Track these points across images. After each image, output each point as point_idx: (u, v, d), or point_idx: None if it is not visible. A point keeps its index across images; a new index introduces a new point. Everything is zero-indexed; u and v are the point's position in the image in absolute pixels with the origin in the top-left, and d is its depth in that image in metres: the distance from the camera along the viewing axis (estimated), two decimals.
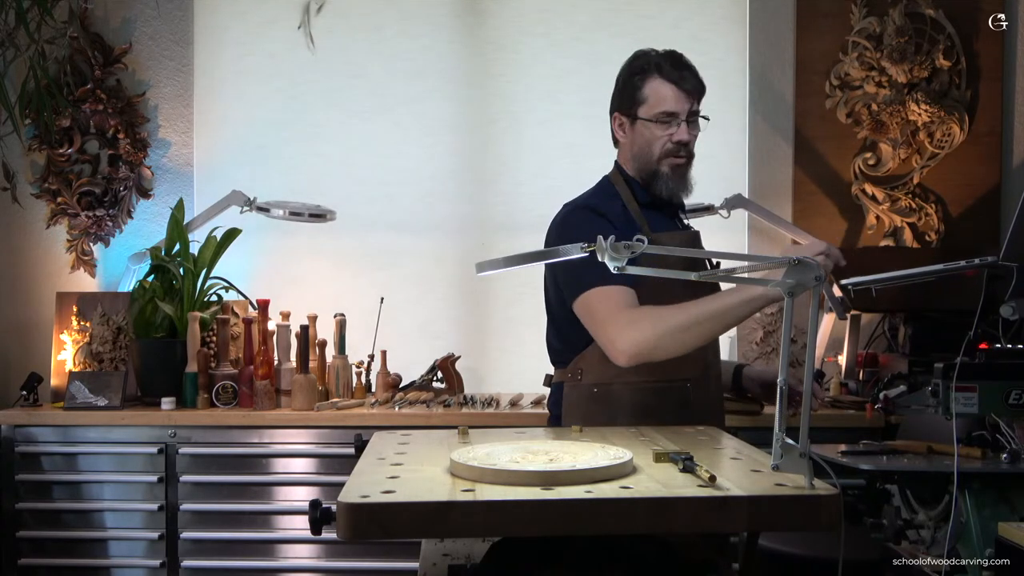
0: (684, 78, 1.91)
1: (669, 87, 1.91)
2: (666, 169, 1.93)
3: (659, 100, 1.91)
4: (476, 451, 1.36)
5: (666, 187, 1.93)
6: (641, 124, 1.94)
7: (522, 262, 1.56)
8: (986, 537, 1.69)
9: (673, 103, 1.91)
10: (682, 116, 1.91)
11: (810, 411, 1.24)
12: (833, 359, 3.02)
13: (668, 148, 1.91)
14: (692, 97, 1.92)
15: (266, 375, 2.79)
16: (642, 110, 1.94)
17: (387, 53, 3.30)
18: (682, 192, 1.96)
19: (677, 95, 1.90)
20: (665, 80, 1.91)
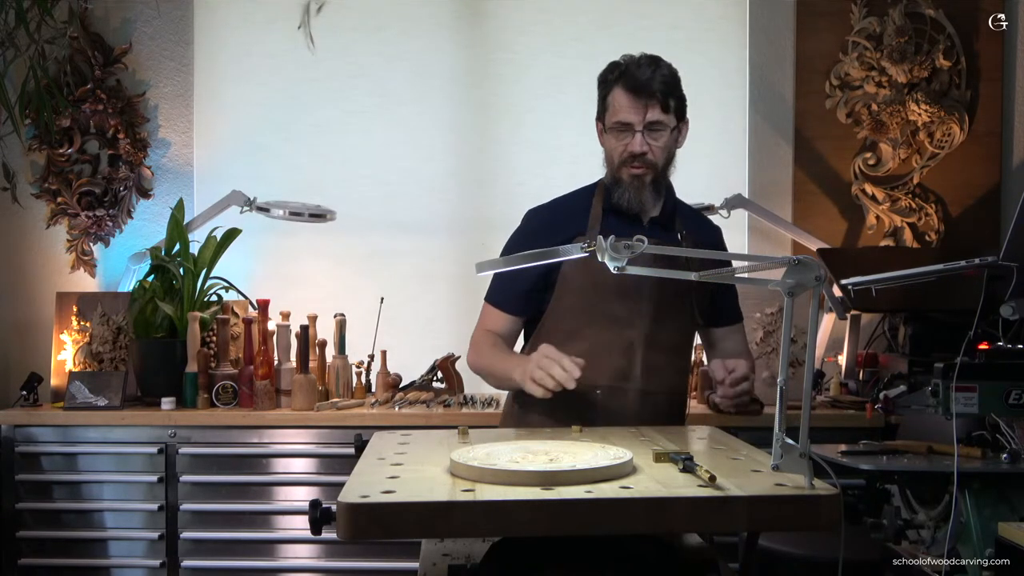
0: (642, 88, 1.86)
1: (625, 97, 1.88)
2: (625, 178, 1.92)
3: (616, 110, 1.91)
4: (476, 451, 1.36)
5: (624, 196, 1.93)
6: (607, 132, 1.95)
7: (522, 262, 1.56)
8: (986, 537, 1.69)
9: (627, 113, 1.88)
10: (637, 126, 1.88)
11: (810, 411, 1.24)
12: (833, 359, 3.02)
13: (624, 158, 1.91)
14: (651, 107, 1.87)
15: (266, 375, 2.79)
16: (607, 118, 1.94)
17: (387, 53, 3.30)
18: (642, 202, 1.93)
19: (632, 105, 1.88)
20: (624, 89, 1.89)
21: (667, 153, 1.93)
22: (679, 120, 1.94)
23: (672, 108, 1.90)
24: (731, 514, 1.13)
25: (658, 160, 1.91)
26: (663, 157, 1.92)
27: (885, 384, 2.35)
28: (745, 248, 3.22)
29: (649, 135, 1.89)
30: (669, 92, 1.89)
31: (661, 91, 1.87)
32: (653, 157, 1.90)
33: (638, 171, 1.90)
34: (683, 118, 1.96)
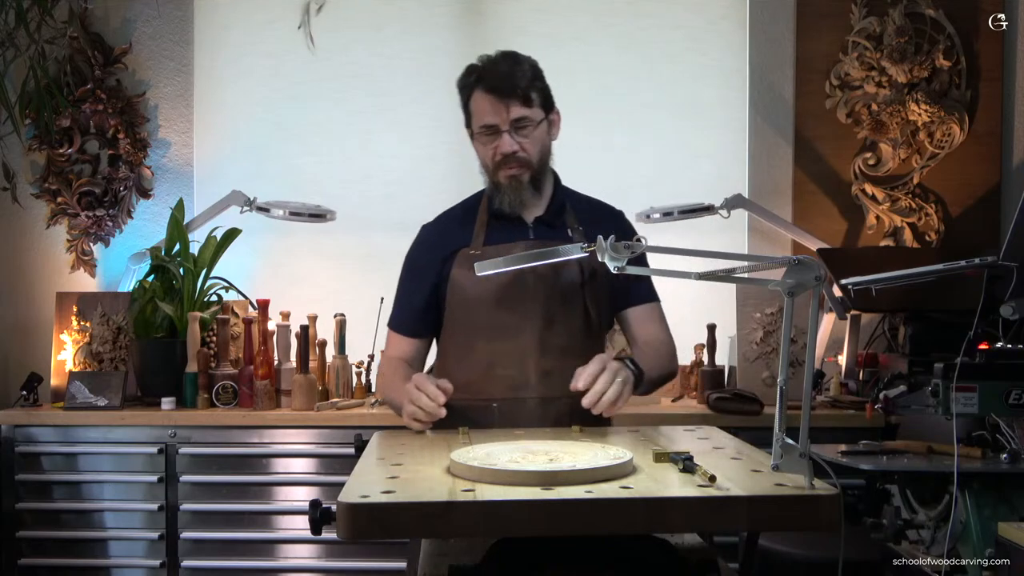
0: (501, 87, 1.82)
1: (486, 99, 1.84)
2: (503, 181, 1.88)
3: (479, 114, 1.86)
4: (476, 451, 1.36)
5: (505, 199, 1.89)
6: (475, 139, 1.91)
7: (522, 262, 1.56)
8: (986, 537, 1.69)
9: (491, 115, 1.84)
10: (503, 126, 1.84)
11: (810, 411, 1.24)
12: (833, 359, 3.02)
13: (497, 161, 1.87)
14: (513, 105, 1.83)
15: (266, 375, 2.79)
16: (473, 124, 1.90)
17: (387, 53, 3.30)
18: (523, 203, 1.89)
19: (494, 106, 1.83)
20: (483, 92, 1.85)
21: (540, 147, 1.89)
22: (547, 112, 1.90)
23: (536, 101, 1.86)
24: (731, 514, 1.13)
25: (531, 157, 1.87)
26: (536, 153, 1.88)
27: (885, 384, 2.35)
28: (745, 248, 3.22)
29: (517, 133, 1.84)
30: (530, 86, 1.85)
31: (521, 86, 1.83)
32: (525, 154, 1.86)
33: (513, 171, 1.86)
34: (551, 109, 1.92)
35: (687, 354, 3.00)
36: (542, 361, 1.85)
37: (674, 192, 3.19)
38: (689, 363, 2.99)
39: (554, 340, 1.86)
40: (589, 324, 1.91)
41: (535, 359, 1.85)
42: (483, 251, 1.88)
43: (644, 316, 1.98)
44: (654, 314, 2.00)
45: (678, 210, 3.01)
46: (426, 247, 1.99)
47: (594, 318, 1.92)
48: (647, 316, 1.99)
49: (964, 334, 1.81)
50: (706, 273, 1.38)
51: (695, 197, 3.09)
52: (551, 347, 1.86)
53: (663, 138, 3.27)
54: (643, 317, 1.98)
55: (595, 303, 1.91)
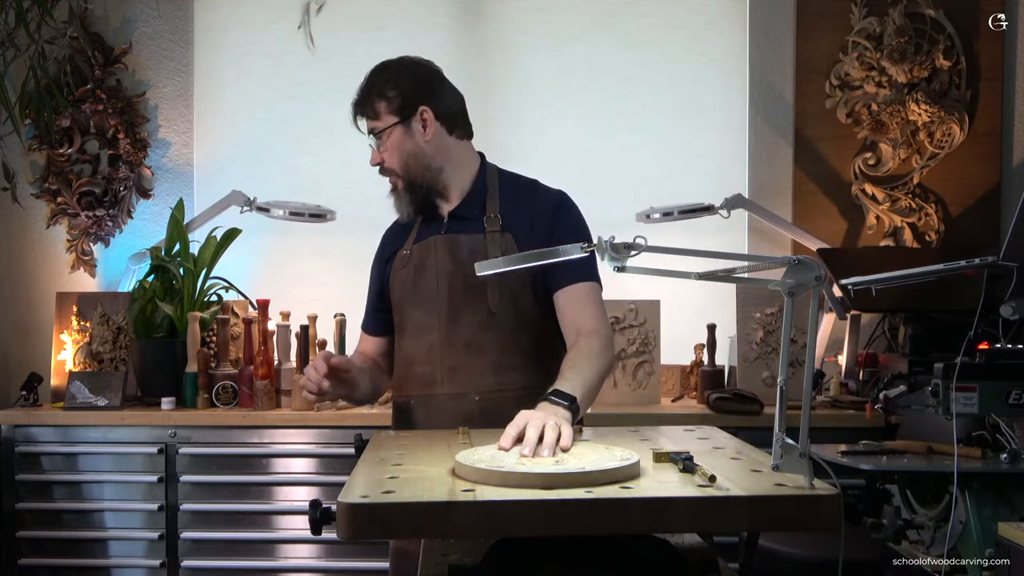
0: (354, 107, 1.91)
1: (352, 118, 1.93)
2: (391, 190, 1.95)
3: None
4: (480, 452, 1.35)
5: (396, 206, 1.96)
6: None
7: (522, 262, 1.55)
8: (986, 537, 1.69)
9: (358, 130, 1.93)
10: (370, 142, 1.91)
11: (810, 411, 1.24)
12: (833, 359, 3.02)
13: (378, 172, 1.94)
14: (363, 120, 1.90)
15: (266, 375, 2.79)
16: None
17: (387, 53, 3.26)
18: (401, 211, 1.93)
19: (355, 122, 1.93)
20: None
21: (400, 153, 1.87)
22: (406, 115, 1.87)
23: (385, 109, 1.87)
24: (731, 514, 1.13)
25: (393, 165, 1.89)
26: (398, 159, 1.88)
27: (885, 384, 2.35)
28: (745, 248, 3.22)
29: (380, 144, 1.90)
30: (378, 95, 1.88)
31: (363, 100, 1.89)
32: (389, 163, 1.89)
33: (389, 180, 1.93)
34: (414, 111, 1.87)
35: (687, 354, 3.00)
36: (447, 358, 1.83)
37: (674, 192, 3.19)
38: (689, 363, 2.99)
39: (458, 335, 1.83)
40: (493, 320, 1.83)
41: (440, 356, 1.84)
42: (411, 250, 1.93)
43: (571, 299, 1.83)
44: (585, 297, 1.83)
45: (678, 210, 3.01)
46: (379, 250, 2.07)
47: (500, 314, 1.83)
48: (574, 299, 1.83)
49: (964, 334, 1.81)
50: (706, 273, 1.38)
51: (695, 197, 3.09)
52: (455, 342, 1.83)
53: (663, 138, 3.27)
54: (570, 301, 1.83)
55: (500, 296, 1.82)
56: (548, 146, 3.28)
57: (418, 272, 1.88)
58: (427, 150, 1.88)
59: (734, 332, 2.92)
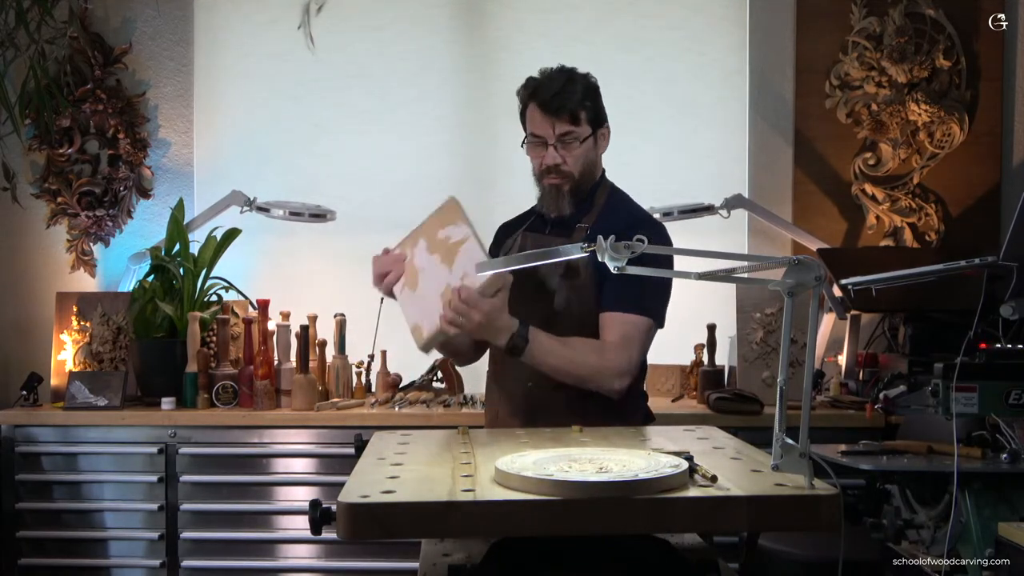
0: (551, 103, 1.94)
1: (537, 111, 1.96)
2: (544, 186, 2.00)
3: (531, 123, 1.99)
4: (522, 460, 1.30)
5: (545, 203, 2.01)
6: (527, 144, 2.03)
7: (522, 262, 1.56)
8: (986, 537, 1.69)
9: (538, 126, 1.96)
10: (550, 139, 1.95)
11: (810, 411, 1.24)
12: (833, 359, 3.02)
13: (541, 169, 1.99)
14: (559, 120, 1.94)
15: (266, 375, 2.79)
16: (527, 131, 2.03)
17: (387, 53, 3.30)
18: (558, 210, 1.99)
19: (542, 119, 1.95)
20: (536, 104, 1.97)
21: (583, 162, 1.98)
22: (595, 128, 2.00)
23: (584, 119, 1.96)
24: (731, 514, 1.13)
25: (573, 170, 1.97)
26: (578, 166, 1.97)
27: (885, 384, 2.35)
28: (745, 248, 3.22)
29: (562, 147, 1.95)
30: (579, 104, 1.95)
31: (570, 105, 1.94)
32: (567, 167, 1.96)
33: (555, 182, 1.97)
34: (601, 124, 2.02)
35: (687, 354, 3.00)
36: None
37: (674, 192, 3.19)
38: (689, 363, 2.99)
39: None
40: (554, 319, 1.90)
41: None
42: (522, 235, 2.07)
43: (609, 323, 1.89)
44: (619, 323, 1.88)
45: (678, 210, 3.01)
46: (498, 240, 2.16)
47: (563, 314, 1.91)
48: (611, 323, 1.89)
49: (964, 334, 1.81)
50: (706, 273, 1.38)
51: (695, 197, 3.09)
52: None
53: (663, 138, 3.27)
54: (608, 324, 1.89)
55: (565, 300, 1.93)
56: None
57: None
58: (598, 163, 2.06)
59: (734, 332, 2.92)
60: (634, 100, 3.28)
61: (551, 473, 1.20)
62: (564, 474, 1.21)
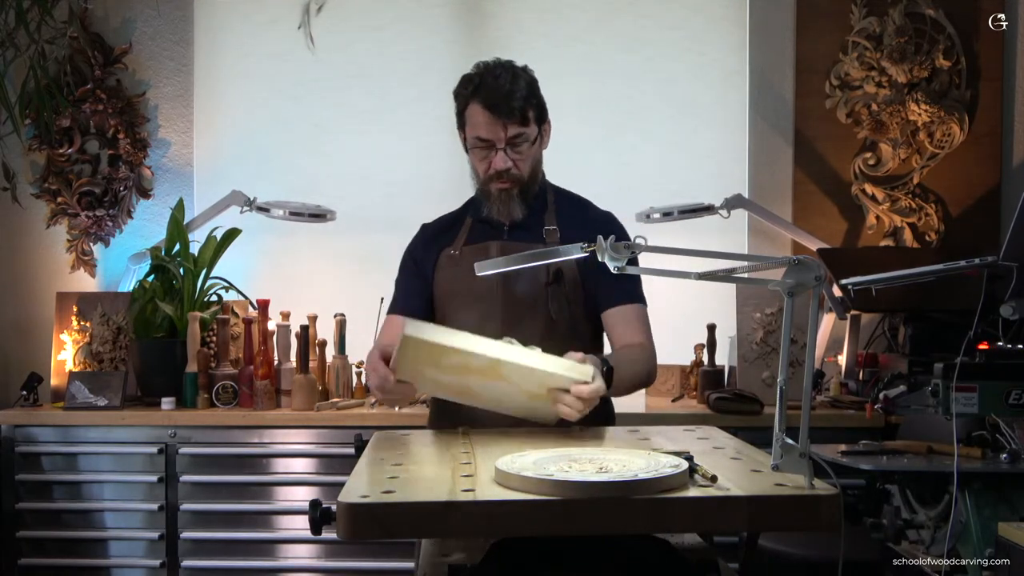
0: (500, 104, 1.81)
1: (483, 114, 1.83)
2: (493, 191, 1.90)
3: (474, 126, 1.86)
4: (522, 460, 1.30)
5: (495, 209, 1.91)
6: (469, 148, 1.92)
7: (522, 262, 1.56)
8: (986, 537, 1.69)
9: (486, 131, 1.84)
10: (499, 144, 1.84)
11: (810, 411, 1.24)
12: (833, 359, 3.02)
13: (489, 174, 1.88)
14: (511, 123, 1.83)
15: (266, 375, 2.79)
16: (466, 133, 1.90)
17: (387, 53, 3.30)
18: (510, 215, 1.90)
19: (491, 123, 1.82)
20: (481, 106, 1.83)
21: (532, 162, 1.90)
22: (540, 125, 1.91)
23: (532, 117, 1.86)
24: (731, 514, 1.13)
25: (523, 173, 1.88)
26: (528, 168, 1.89)
27: (885, 384, 2.35)
28: (745, 248, 3.22)
29: (512, 150, 1.85)
30: (526, 103, 1.84)
31: (519, 105, 1.83)
32: (518, 171, 1.87)
33: (505, 186, 1.88)
34: (544, 120, 1.93)
35: (687, 354, 3.00)
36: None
37: (674, 192, 3.19)
38: (689, 363, 2.99)
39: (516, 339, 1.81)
40: (553, 328, 1.87)
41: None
42: (461, 251, 1.93)
43: (622, 318, 1.91)
44: (634, 316, 1.92)
45: (678, 210, 3.01)
46: (419, 244, 2.03)
47: (559, 322, 1.87)
48: (626, 318, 1.91)
49: (964, 334, 1.81)
50: (706, 273, 1.38)
51: (695, 197, 3.09)
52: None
53: (663, 138, 3.27)
54: (621, 319, 1.91)
55: (559, 305, 1.88)
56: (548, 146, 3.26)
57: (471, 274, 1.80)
58: (541, 159, 1.96)
59: (734, 332, 2.92)
60: (634, 100, 3.28)
61: (551, 473, 1.20)
62: (564, 474, 1.21)
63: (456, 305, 1.90)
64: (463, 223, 1.99)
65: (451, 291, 1.91)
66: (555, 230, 1.92)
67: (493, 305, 1.86)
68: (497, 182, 1.88)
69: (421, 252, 2.01)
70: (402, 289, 2.03)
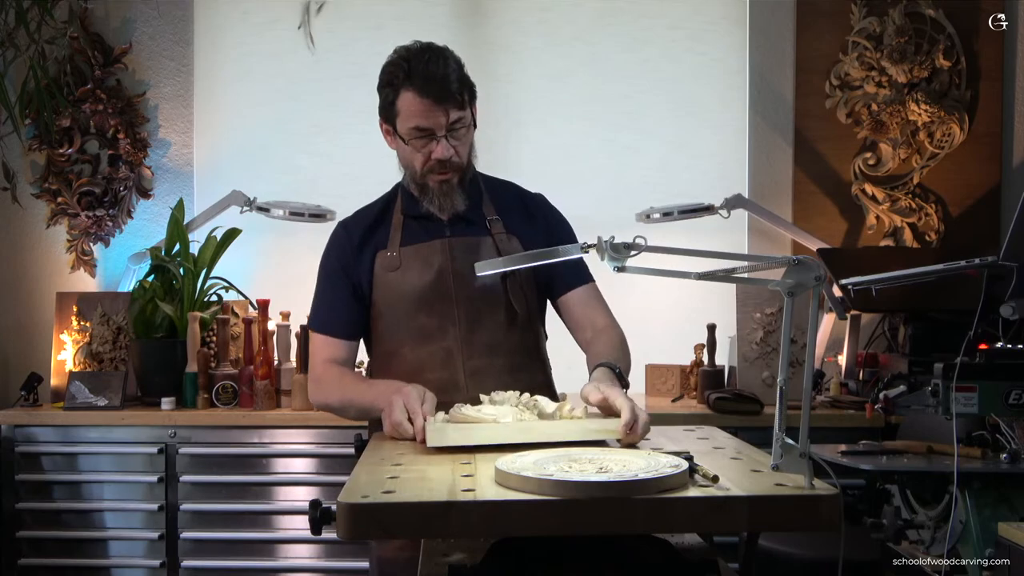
0: (438, 90, 1.70)
1: (420, 101, 1.71)
2: (432, 184, 1.79)
3: (409, 116, 1.73)
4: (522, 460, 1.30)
5: (436, 203, 1.80)
6: (401, 139, 1.79)
7: (521, 262, 1.56)
8: (986, 537, 1.69)
9: (425, 117, 1.72)
10: (439, 131, 1.73)
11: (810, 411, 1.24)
12: (833, 359, 3.02)
13: (428, 166, 1.77)
14: (452, 108, 1.72)
15: (266, 375, 2.79)
16: (398, 123, 1.77)
17: (387, 52, 3.28)
18: (452, 207, 1.81)
19: (430, 110, 1.71)
20: (416, 94, 1.71)
21: (468, 146, 1.80)
22: (471, 107, 1.79)
23: (467, 100, 1.76)
24: (731, 514, 1.13)
25: (463, 159, 1.79)
26: (466, 154, 1.80)
27: (885, 384, 2.35)
28: (745, 248, 3.22)
29: (452, 137, 1.75)
30: (461, 85, 1.74)
31: (455, 88, 1.72)
32: (459, 158, 1.78)
33: (445, 177, 1.78)
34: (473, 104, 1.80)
35: (687, 354, 3.00)
36: (469, 361, 1.80)
37: (674, 192, 3.19)
38: (689, 363, 2.99)
39: (479, 338, 1.81)
40: (514, 318, 1.85)
41: (462, 360, 1.80)
42: (400, 252, 1.83)
43: (584, 300, 1.88)
44: (591, 296, 1.89)
45: (678, 210, 3.01)
46: (346, 247, 1.90)
47: (519, 311, 1.84)
48: (587, 299, 1.88)
49: (964, 334, 1.81)
50: (706, 273, 1.38)
51: (695, 197, 3.09)
52: (477, 345, 1.81)
53: (663, 138, 3.28)
54: (583, 301, 1.88)
55: (518, 296, 1.84)
56: (548, 146, 3.28)
57: (423, 275, 1.81)
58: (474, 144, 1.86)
59: (734, 332, 2.92)
60: (634, 100, 3.28)
61: (551, 473, 1.20)
62: (564, 474, 1.20)
63: (407, 309, 1.82)
64: (390, 220, 1.88)
65: (398, 295, 1.82)
66: (498, 220, 1.85)
67: (450, 305, 1.81)
68: (437, 174, 1.78)
69: (350, 256, 1.88)
70: (328, 303, 1.90)
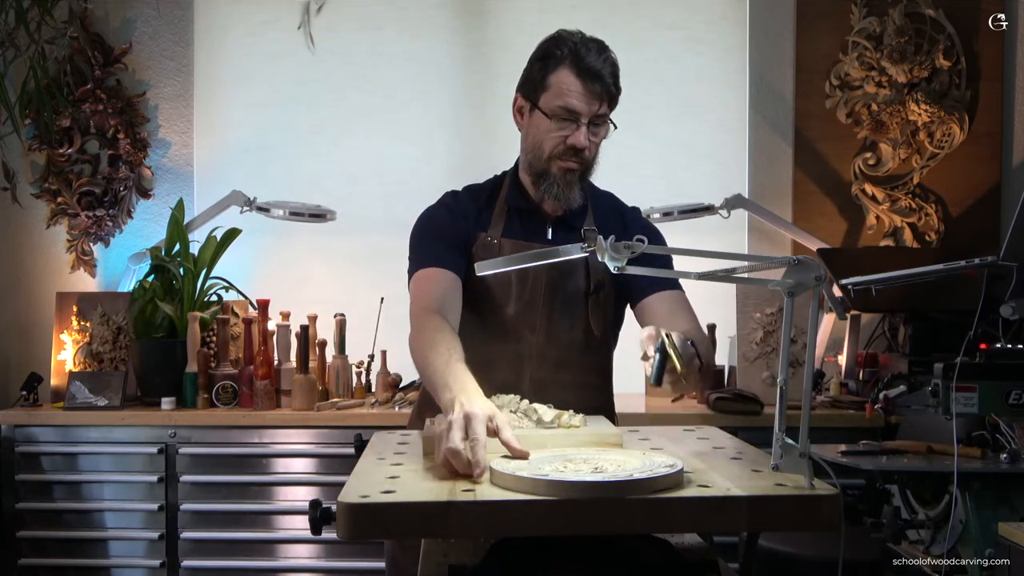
0: (596, 76, 1.67)
1: (577, 82, 1.67)
2: (555, 171, 1.73)
3: (562, 93, 1.68)
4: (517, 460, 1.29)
5: (554, 189, 1.73)
6: (539, 114, 1.73)
7: (522, 262, 1.55)
8: (986, 537, 1.69)
9: (576, 101, 1.67)
10: (584, 118, 1.68)
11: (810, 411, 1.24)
12: (833, 359, 3.02)
13: (560, 149, 1.71)
14: (600, 100, 1.68)
15: (266, 375, 2.79)
16: (543, 99, 1.72)
17: (387, 53, 3.30)
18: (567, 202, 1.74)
19: (585, 92, 1.67)
20: (575, 73, 1.68)
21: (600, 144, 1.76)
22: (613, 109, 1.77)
23: (615, 101, 1.73)
24: (731, 514, 1.13)
25: (592, 155, 1.74)
26: (597, 153, 1.76)
27: (885, 384, 2.35)
28: (745, 248, 3.22)
29: (592, 129, 1.70)
30: (616, 85, 1.71)
31: (611, 83, 1.69)
32: (590, 154, 1.73)
33: (573, 165, 1.72)
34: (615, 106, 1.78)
35: None
36: (537, 372, 1.76)
37: (674, 192, 3.19)
38: None
39: (552, 352, 1.77)
40: (589, 339, 1.80)
41: (530, 368, 1.77)
42: (500, 242, 1.77)
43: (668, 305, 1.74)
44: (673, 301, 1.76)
45: (678, 210, 3.01)
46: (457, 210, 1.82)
47: (596, 333, 1.80)
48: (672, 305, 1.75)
49: (964, 334, 1.81)
50: (706, 273, 1.37)
51: (695, 197, 3.09)
52: (548, 358, 1.77)
53: (663, 138, 3.27)
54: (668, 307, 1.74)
55: (597, 315, 1.79)
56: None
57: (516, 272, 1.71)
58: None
59: (734, 332, 2.92)
60: (634, 100, 3.25)
61: (546, 473, 1.20)
62: (559, 474, 1.20)
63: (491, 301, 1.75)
64: (496, 205, 1.82)
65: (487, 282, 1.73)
66: (594, 231, 1.78)
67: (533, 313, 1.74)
68: (565, 160, 1.71)
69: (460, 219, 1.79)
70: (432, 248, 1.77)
